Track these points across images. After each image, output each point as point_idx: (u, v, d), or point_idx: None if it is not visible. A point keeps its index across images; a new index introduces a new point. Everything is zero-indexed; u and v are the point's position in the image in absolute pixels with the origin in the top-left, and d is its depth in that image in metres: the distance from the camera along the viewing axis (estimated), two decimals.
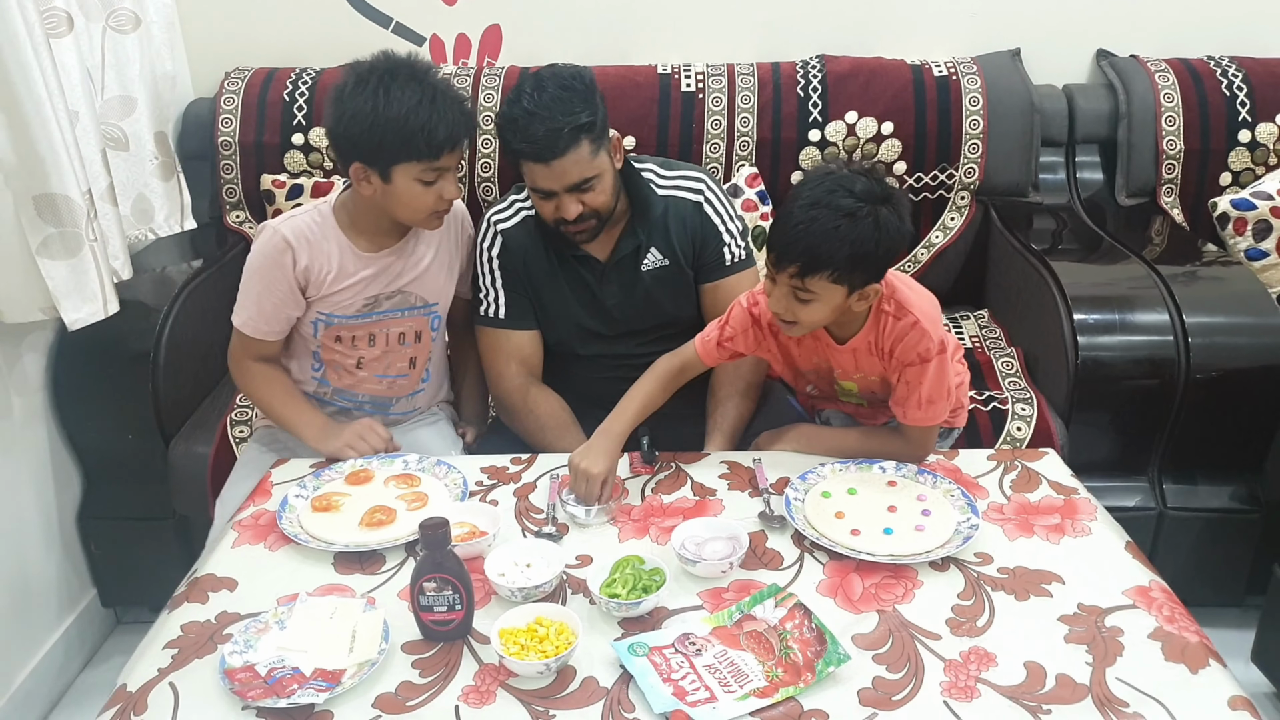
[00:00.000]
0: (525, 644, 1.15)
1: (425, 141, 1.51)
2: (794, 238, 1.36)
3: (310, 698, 1.10)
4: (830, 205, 1.35)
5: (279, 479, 1.57)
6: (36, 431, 1.96)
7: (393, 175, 1.55)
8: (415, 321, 1.73)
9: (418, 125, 1.50)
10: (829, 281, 1.38)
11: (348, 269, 1.65)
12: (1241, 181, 2.36)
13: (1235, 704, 1.08)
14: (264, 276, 1.62)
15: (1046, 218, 2.39)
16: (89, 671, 2.07)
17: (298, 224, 1.63)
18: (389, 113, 1.50)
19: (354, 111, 1.52)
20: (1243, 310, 1.93)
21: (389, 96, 1.50)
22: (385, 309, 1.70)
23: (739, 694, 1.10)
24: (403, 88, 1.50)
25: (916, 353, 1.46)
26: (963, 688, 1.10)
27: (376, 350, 1.72)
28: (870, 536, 1.34)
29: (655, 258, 1.74)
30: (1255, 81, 2.34)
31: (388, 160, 1.53)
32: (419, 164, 1.53)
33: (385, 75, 1.51)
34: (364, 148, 1.53)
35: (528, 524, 1.43)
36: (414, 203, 1.58)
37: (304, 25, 2.52)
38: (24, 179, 1.65)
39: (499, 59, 2.55)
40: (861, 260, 1.37)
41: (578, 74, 1.60)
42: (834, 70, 2.35)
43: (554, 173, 1.56)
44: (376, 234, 1.66)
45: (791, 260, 1.37)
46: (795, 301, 1.41)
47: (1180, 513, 1.94)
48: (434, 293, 1.74)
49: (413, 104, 1.50)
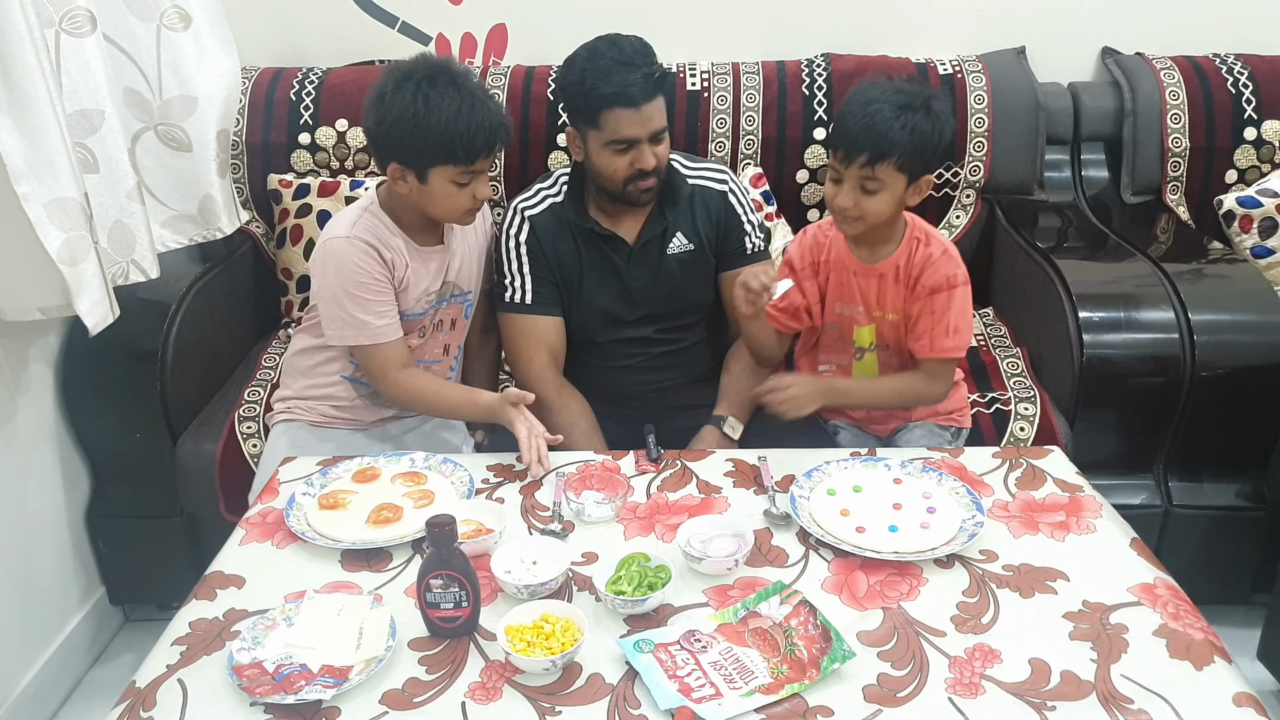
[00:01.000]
0: (531, 641, 1.15)
1: (464, 148, 1.55)
2: (860, 130, 1.51)
3: (318, 694, 1.10)
4: (886, 101, 1.52)
5: (286, 477, 1.57)
6: (45, 430, 1.97)
7: (429, 177, 1.58)
8: (453, 310, 1.79)
9: (457, 132, 1.53)
10: (894, 169, 1.52)
11: (415, 264, 1.69)
12: (1247, 179, 2.36)
13: (1240, 701, 1.08)
14: (364, 283, 1.63)
15: (1052, 215, 2.39)
16: (97, 668, 2.08)
17: (362, 228, 1.65)
18: (429, 118, 1.53)
19: (395, 115, 1.55)
20: (1248, 308, 1.92)
21: (429, 102, 1.53)
22: (439, 300, 1.75)
23: (744, 690, 1.10)
24: (442, 93, 1.53)
25: (945, 275, 1.60)
26: (967, 684, 1.11)
27: (420, 341, 1.76)
28: (875, 534, 1.35)
29: (681, 242, 1.79)
30: (1261, 79, 2.34)
31: (425, 163, 1.57)
32: (455, 168, 1.57)
33: (425, 80, 1.54)
34: (403, 150, 1.57)
35: (534, 521, 1.44)
36: (449, 203, 1.62)
37: (311, 25, 2.52)
38: (34, 183, 1.65)
39: (504, 58, 2.56)
40: (921, 146, 1.52)
41: (641, 39, 1.70)
42: (839, 69, 2.35)
43: (642, 117, 1.63)
44: (422, 230, 1.70)
45: (861, 149, 1.51)
46: (862, 194, 1.55)
47: (1186, 510, 1.94)
48: (469, 281, 1.80)
49: (452, 111, 1.53)
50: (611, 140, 1.66)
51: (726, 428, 1.77)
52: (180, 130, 2.08)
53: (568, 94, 1.70)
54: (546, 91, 2.34)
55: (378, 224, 1.66)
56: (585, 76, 1.64)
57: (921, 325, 1.62)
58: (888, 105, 1.51)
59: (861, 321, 1.69)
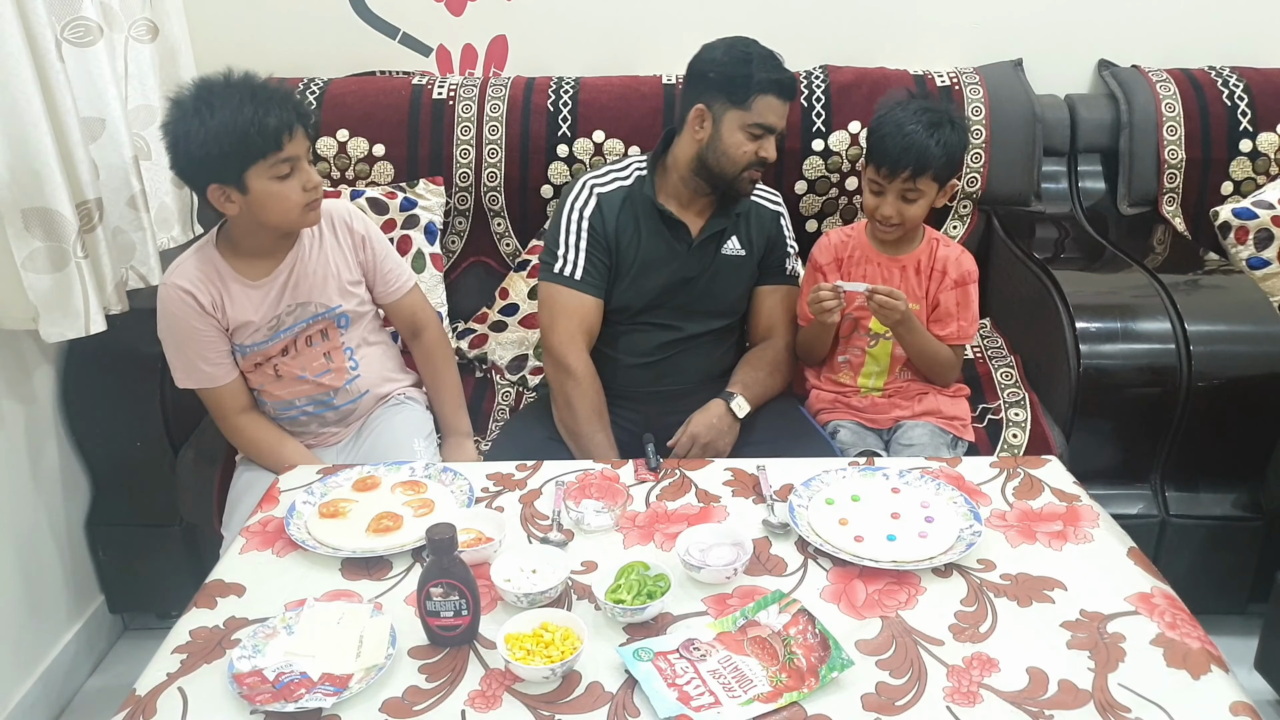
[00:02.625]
0: (531, 649, 1.16)
1: (259, 135, 1.52)
2: (902, 151, 1.74)
3: (318, 702, 1.11)
4: (919, 122, 1.74)
5: (287, 485, 1.58)
6: (46, 439, 1.97)
7: (248, 184, 1.56)
8: (320, 324, 1.77)
9: (246, 122, 1.51)
10: (931, 179, 1.77)
11: (241, 301, 1.68)
12: (1243, 190, 2.37)
13: (1238, 710, 1.08)
14: (184, 330, 1.67)
15: (1049, 226, 2.40)
16: (96, 677, 2.08)
17: (185, 270, 1.67)
18: (216, 123, 1.51)
19: (183, 136, 1.54)
20: (1245, 319, 1.93)
21: (211, 109, 1.52)
22: (289, 325, 1.73)
23: (743, 699, 1.11)
24: (223, 98, 1.53)
25: (967, 270, 1.87)
26: (965, 693, 1.11)
27: (288, 357, 1.76)
28: (873, 543, 1.35)
29: (735, 245, 1.90)
30: (1256, 91, 2.35)
31: (236, 168, 1.55)
32: (265, 161, 1.55)
33: (201, 94, 1.55)
34: (209, 166, 1.55)
35: (533, 530, 1.44)
36: (280, 202, 1.59)
37: (311, 36, 2.53)
38: (14, 191, 1.66)
39: (505, 69, 2.57)
40: (953, 157, 1.78)
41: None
42: (837, 80, 2.37)
43: (784, 110, 1.78)
44: (263, 255, 1.69)
45: (905, 166, 1.74)
46: (903, 203, 1.78)
47: (1183, 520, 1.95)
48: (334, 298, 1.76)
49: (234, 106, 1.52)
50: (755, 123, 1.76)
51: (734, 404, 1.80)
52: (141, 139, 2.10)
53: (724, 70, 1.77)
54: (546, 102, 2.35)
55: (205, 263, 1.67)
56: (751, 59, 1.75)
57: (948, 312, 1.86)
58: (921, 125, 1.74)
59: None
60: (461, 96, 2.38)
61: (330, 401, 1.81)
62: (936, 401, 1.88)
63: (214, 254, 1.68)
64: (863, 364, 1.91)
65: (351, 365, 1.82)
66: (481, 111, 2.35)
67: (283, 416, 1.80)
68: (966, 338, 1.88)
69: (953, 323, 1.86)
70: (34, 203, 1.67)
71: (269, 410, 1.80)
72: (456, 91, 2.38)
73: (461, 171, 2.35)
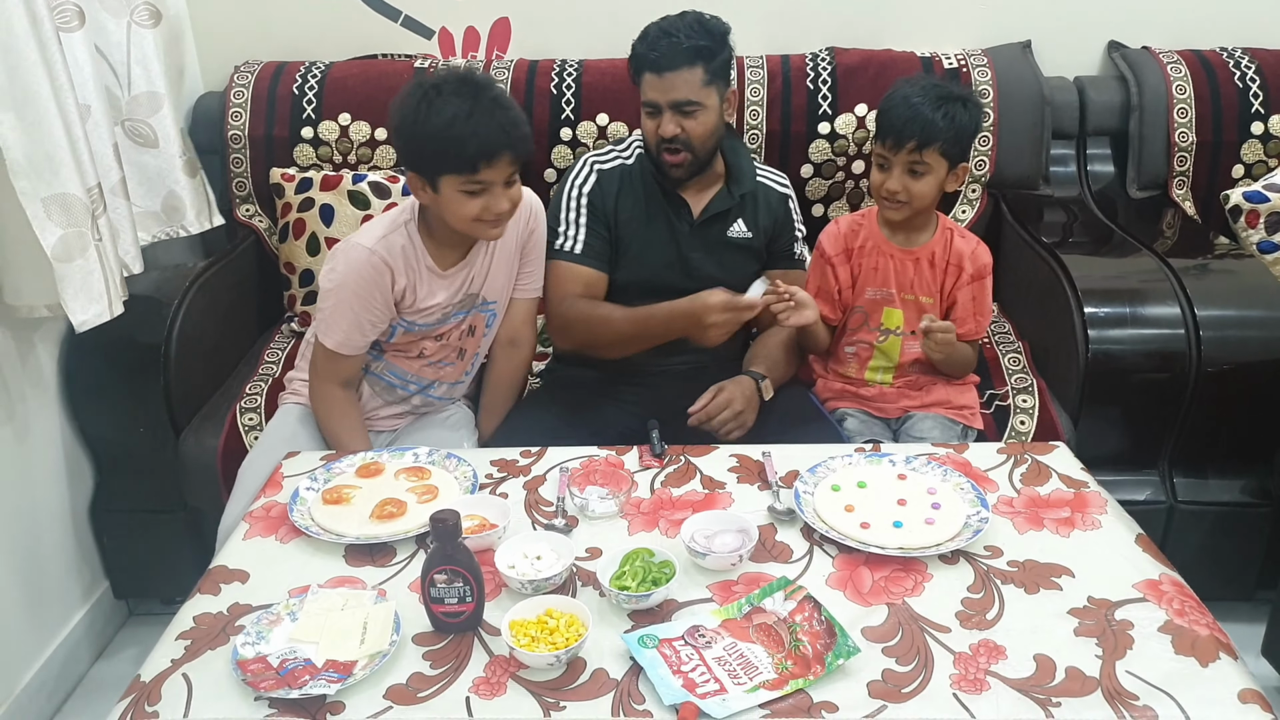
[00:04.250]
0: (535, 636, 1.15)
1: (457, 154, 1.52)
2: (907, 120, 1.67)
3: (322, 689, 1.11)
4: (926, 96, 1.68)
5: (290, 471, 1.57)
6: (49, 425, 1.97)
7: (440, 185, 1.57)
8: (475, 319, 1.79)
9: (451, 137, 1.51)
10: (938, 154, 1.69)
11: (434, 288, 1.69)
12: (1254, 174, 2.35)
13: (1246, 697, 1.08)
14: (363, 298, 1.64)
15: (1057, 210, 2.38)
16: (102, 663, 2.08)
17: (391, 244, 1.65)
18: (428, 124, 1.52)
19: (399, 121, 1.56)
20: (1255, 304, 1.92)
21: (431, 108, 1.52)
22: (457, 312, 1.75)
23: (748, 686, 1.10)
24: (447, 99, 1.52)
25: (984, 264, 1.81)
26: (972, 680, 1.11)
27: (438, 344, 1.77)
28: (880, 530, 1.34)
29: (740, 229, 1.87)
30: (1268, 73, 2.33)
31: (431, 170, 1.56)
32: (458, 176, 1.54)
33: (434, 87, 1.54)
34: (410, 157, 1.58)
35: (538, 516, 1.44)
36: (460, 212, 1.59)
37: (314, 18, 2.52)
38: (33, 179, 1.65)
39: (508, 52, 2.55)
40: (961, 133, 1.70)
41: (716, 18, 1.76)
42: (843, 63, 2.35)
43: (664, 84, 1.70)
44: (453, 243, 1.70)
45: (910, 137, 1.68)
46: (909, 177, 1.71)
47: (1191, 506, 1.94)
48: (495, 292, 1.79)
49: (449, 116, 1.51)
50: (643, 101, 1.75)
51: (762, 385, 1.78)
52: (147, 126, 2.09)
53: (632, 51, 1.76)
54: (550, 85, 2.33)
55: (407, 242, 1.66)
56: (636, 40, 1.73)
57: (967, 310, 1.82)
58: (929, 98, 1.68)
59: (892, 304, 1.82)
60: None
61: (430, 387, 1.82)
62: (946, 392, 1.86)
63: (416, 234, 1.67)
64: (870, 357, 1.88)
65: (469, 370, 1.85)
66: None
67: (384, 376, 1.80)
68: (983, 332, 1.86)
69: (970, 320, 1.82)
70: (52, 189, 1.67)
71: (381, 370, 1.79)
72: None
73: None
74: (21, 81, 1.60)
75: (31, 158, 1.64)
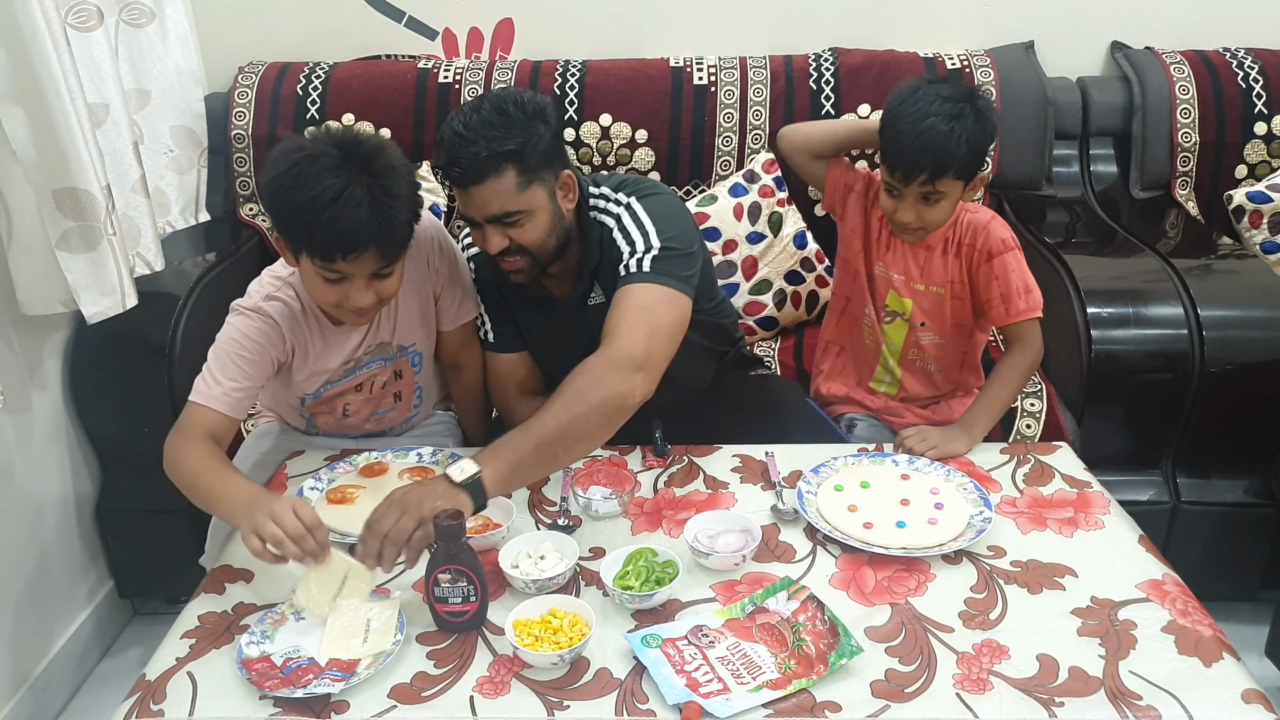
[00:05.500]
0: (539, 635, 1.16)
1: (307, 240, 1.34)
2: (917, 151, 1.52)
3: (326, 688, 1.11)
4: (936, 113, 1.51)
5: (294, 471, 1.58)
6: (55, 424, 1.97)
7: (300, 260, 1.41)
8: (396, 364, 1.68)
9: (309, 221, 1.32)
10: (953, 179, 1.55)
11: (322, 347, 1.58)
12: (1257, 174, 2.35)
13: (1249, 697, 1.08)
14: (248, 356, 1.49)
15: (1060, 211, 2.38)
16: (107, 662, 2.09)
17: (278, 306, 1.53)
18: (291, 197, 1.33)
19: (268, 180, 1.37)
20: (1258, 304, 1.91)
21: (299, 179, 1.32)
22: (366, 364, 1.64)
23: (752, 686, 1.10)
24: (320, 174, 1.32)
25: (1000, 239, 1.62)
26: (975, 680, 1.11)
27: (361, 396, 1.68)
28: (883, 530, 1.35)
29: (598, 296, 1.61)
30: (1271, 73, 2.32)
31: (292, 245, 1.40)
32: (313, 261, 1.37)
33: (310, 157, 1.34)
34: (273, 220, 1.41)
35: (541, 516, 1.44)
36: (318, 295, 1.44)
37: (318, 19, 2.52)
38: (44, 173, 1.66)
39: (511, 53, 2.55)
40: (976, 152, 1.55)
41: (522, 100, 1.46)
42: (846, 63, 2.35)
43: (474, 200, 1.46)
44: None
45: (921, 169, 1.53)
46: (924, 205, 1.58)
47: (1194, 507, 1.94)
48: (410, 336, 1.66)
49: (311, 196, 1.31)
50: (459, 213, 1.52)
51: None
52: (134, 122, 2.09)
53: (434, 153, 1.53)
54: (553, 86, 2.34)
55: (292, 300, 1.53)
56: (435, 143, 1.47)
57: (989, 293, 1.63)
58: (940, 119, 1.51)
59: (899, 290, 1.72)
60: (468, 80, 2.36)
61: (383, 433, 1.76)
62: (950, 409, 1.79)
63: (303, 290, 1.52)
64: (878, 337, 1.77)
65: (416, 403, 1.75)
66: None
67: (331, 439, 1.74)
68: (1018, 315, 1.61)
69: (997, 305, 1.62)
70: (63, 183, 1.67)
71: (319, 435, 1.73)
72: (462, 75, 2.37)
73: None
74: (34, 77, 1.61)
75: (43, 152, 1.65)
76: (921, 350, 1.77)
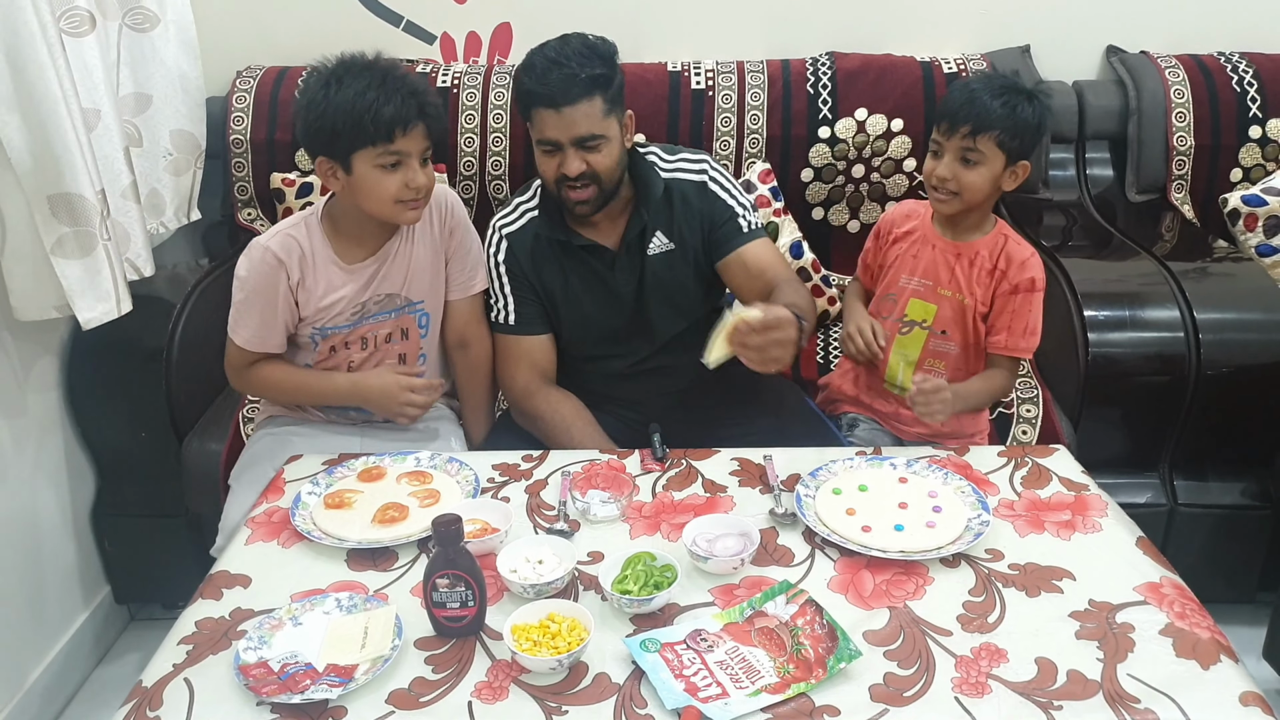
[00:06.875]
0: (538, 640, 1.15)
1: (372, 122, 1.51)
2: (964, 103, 1.59)
3: (324, 693, 1.11)
4: (990, 84, 1.60)
5: (292, 476, 1.57)
6: (51, 429, 1.97)
7: (353, 164, 1.55)
8: (402, 320, 1.73)
9: (364, 107, 1.50)
10: (994, 143, 1.59)
11: (335, 283, 1.66)
12: (1252, 177, 2.35)
13: (1247, 700, 1.08)
14: (261, 295, 1.64)
15: (1056, 214, 2.39)
16: (103, 668, 2.08)
17: (286, 240, 1.64)
18: (338, 100, 1.51)
19: (306, 103, 1.54)
20: (1254, 306, 1.92)
21: (340, 84, 1.52)
22: (374, 314, 1.70)
23: (750, 690, 1.10)
24: (355, 77, 1.52)
25: (1031, 276, 1.66)
26: (974, 684, 1.11)
27: (365, 353, 1.73)
28: (881, 533, 1.35)
29: (661, 241, 1.73)
30: (1266, 77, 2.33)
31: (345, 149, 1.54)
32: (374, 149, 1.53)
33: (338, 69, 1.54)
34: (321, 139, 1.55)
35: (539, 521, 1.44)
36: (378, 191, 1.56)
37: (316, 24, 2.52)
38: (38, 178, 1.66)
39: (509, 57, 2.56)
40: (1021, 127, 1.59)
41: (602, 39, 1.64)
42: (844, 67, 2.35)
43: (564, 121, 1.58)
44: (362, 238, 1.67)
45: (965, 121, 1.59)
46: (961, 165, 1.61)
47: (1191, 509, 1.94)
48: (420, 291, 1.73)
49: (360, 88, 1.51)
50: (538, 140, 1.63)
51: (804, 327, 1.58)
52: (132, 125, 2.09)
53: (513, 88, 1.68)
54: None
55: (304, 237, 1.65)
56: (521, 72, 1.61)
57: (1001, 321, 1.68)
58: (993, 87, 1.60)
59: (924, 296, 1.72)
60: (465, 85, 2.36)
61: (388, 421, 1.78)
62: (957, 422, 1.76)
63: (316, 228, 1.66)
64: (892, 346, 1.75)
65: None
66: (486, 100, 2.35)
67: (330, 409, 1.78)
68: (1015, 351, 1.68)
69: (1003, 332, 1.67)
70: (57, 188, 1.67)
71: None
72: (460, 79, 2.37)
73: (466, 160, 2.34)
74: (29, 82, 1.60)
75: (37, 158, 1.65)
76: (937, 360, 1.74)
